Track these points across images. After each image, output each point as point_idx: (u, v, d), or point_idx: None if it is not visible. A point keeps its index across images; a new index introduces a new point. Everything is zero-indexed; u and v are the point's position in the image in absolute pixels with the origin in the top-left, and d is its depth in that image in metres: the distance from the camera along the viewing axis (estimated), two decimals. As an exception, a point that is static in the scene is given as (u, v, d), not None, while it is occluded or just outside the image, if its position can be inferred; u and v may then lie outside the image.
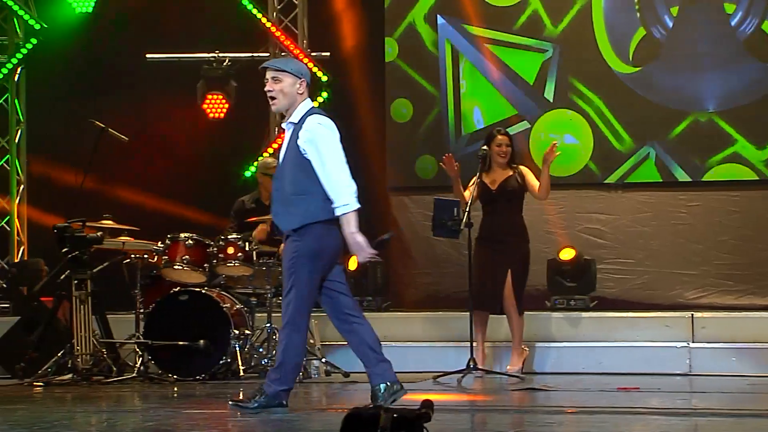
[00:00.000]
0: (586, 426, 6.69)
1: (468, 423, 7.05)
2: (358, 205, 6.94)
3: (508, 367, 9.77)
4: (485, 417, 7.31)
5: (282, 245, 7.28)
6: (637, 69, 11.85)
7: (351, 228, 6.95)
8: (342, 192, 6.93)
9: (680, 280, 11.67)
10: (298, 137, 7.03)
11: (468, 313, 9.63)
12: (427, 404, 4.65)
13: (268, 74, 7.09)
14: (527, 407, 7.77)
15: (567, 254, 11.29)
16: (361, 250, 7.00)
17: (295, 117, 7.10)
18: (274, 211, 7.20)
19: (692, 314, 10.42)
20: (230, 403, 7.31)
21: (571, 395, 8.62)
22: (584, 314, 10.84)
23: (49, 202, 12.10)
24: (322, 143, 6.99)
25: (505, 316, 9.81)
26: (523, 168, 9.98)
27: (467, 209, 9.45)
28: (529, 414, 7.33)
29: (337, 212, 6.94)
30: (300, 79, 7.10)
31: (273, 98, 7.09)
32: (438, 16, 12.27)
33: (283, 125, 7.22)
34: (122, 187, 12.37)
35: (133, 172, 12.42)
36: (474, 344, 9.53)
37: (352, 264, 11.62)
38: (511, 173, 9.83)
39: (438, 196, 10.08)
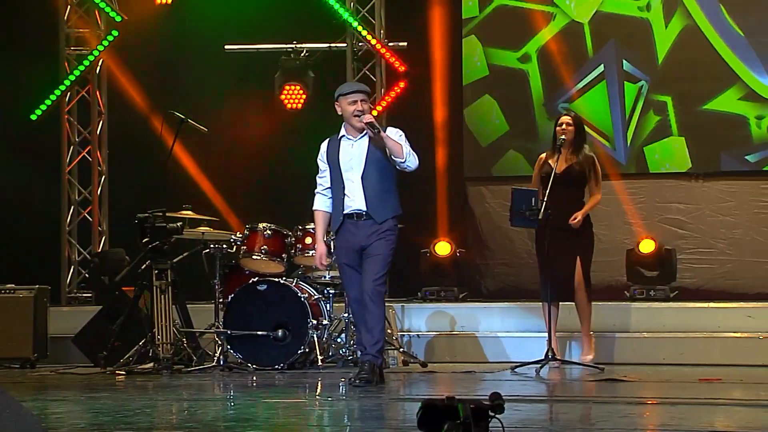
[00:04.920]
0: (668, 417, 6.61)
1: (547, 414, 7.01)
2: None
3: (582, 357, 9.67)
4: (565, 407, 7.26)
5: None
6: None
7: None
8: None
9: (763, 269, 11.49)
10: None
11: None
12: (497, 396, 4.61)
13: (359, 96, 8.40)
14: (607, 398, 7.69)
15: (647, 246, 11.20)
16: None
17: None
18: (370, 205, 8.27)
19: (775, 304, 10.29)
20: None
21: (652, 386, 8.54)
22: (665, 305, 10.74)
23: (130, 193, 12.22)
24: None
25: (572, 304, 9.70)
26: (590, 155, 9.74)
27: (544, 198, 9.32)
28: (609, 405, 7.26)
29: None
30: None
31: (363, 112, 8.37)
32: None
33: (349, 138, 8.45)
34: (201, 177, 12.47)
35: (211, 163, 12.52)
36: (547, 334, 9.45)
37: (441, 250, 11.61)
38: (573, 158, 9.65)
39: (515, 186, 10.00)
